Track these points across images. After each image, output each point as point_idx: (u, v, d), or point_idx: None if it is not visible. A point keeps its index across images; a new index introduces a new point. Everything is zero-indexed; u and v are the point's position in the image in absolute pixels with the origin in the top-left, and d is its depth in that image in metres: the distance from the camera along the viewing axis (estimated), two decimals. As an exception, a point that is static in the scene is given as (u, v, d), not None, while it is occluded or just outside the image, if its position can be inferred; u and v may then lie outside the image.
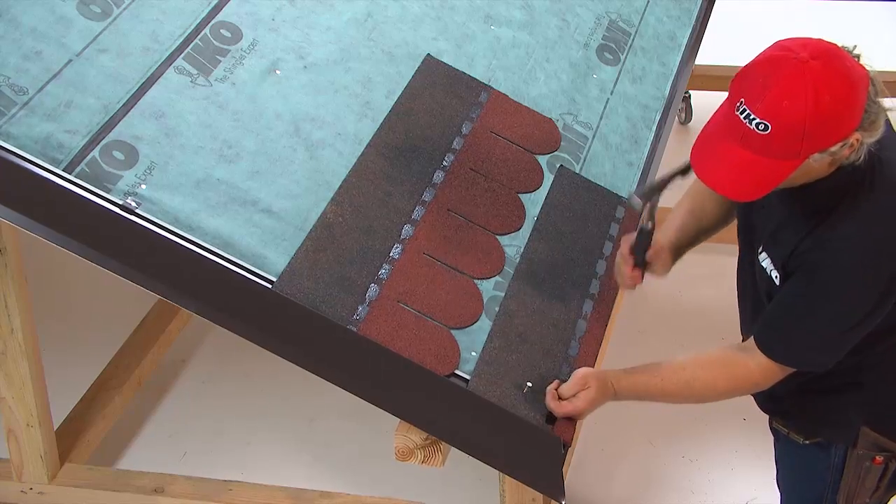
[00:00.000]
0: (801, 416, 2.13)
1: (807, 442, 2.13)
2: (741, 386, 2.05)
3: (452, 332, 2.18)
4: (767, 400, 2.18)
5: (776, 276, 1.99)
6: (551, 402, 2.10)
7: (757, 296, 2.07)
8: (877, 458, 2.05)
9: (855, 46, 1.88)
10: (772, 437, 2.18)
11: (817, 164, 1.83)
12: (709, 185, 1.88)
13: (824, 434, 2.10)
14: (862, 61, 1.86)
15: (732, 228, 2.44)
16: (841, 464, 2.07)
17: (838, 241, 1.88)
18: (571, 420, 2.14)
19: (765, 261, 2.01)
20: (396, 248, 2.26)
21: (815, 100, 1.76)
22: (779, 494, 2.30)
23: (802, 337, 1.95)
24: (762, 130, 1.80)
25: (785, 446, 2.21)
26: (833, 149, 1.81)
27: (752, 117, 1.80)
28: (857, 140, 1.82)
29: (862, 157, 1.85)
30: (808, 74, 1.77)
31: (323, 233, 2.22)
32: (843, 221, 1.88)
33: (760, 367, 2.00)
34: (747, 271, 2.11)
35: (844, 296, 1.90)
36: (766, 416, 3.35)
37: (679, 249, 2.28)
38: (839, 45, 1.85)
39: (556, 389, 2.12)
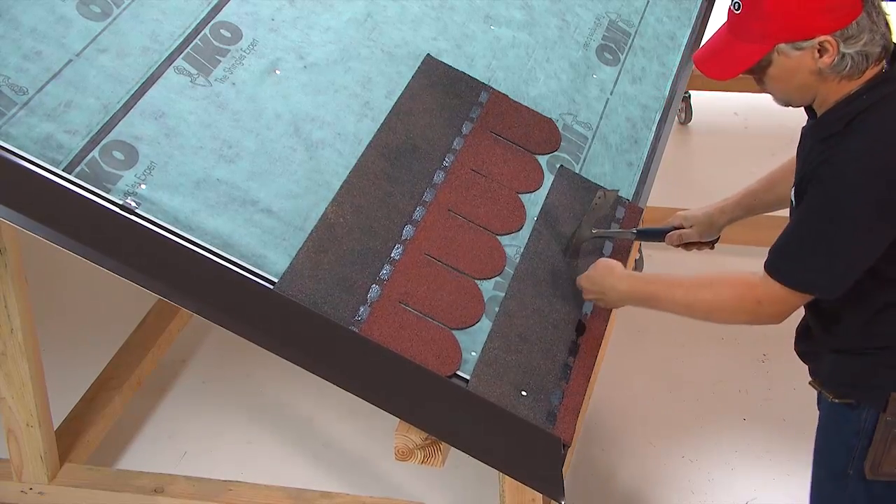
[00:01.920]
0: (836, 374, 2.12)
1: (836, 401, 2.12)
2: (744, 301, 2.05)
3: (454, 332, 2.18)
4: (807, 356, 2.19)
5: (794, 201, 2.04)
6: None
7: None
8: None
9: None
10: (772, 438, 2.19)
11: (794, 62, 1.95)
12: (694, 59, 2.07)
13: (855, 395, 2.09)
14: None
15: (733, 227, 2.46)
16: (871, 429, 2.07)
17: (839, 155, 1.94)
18: (571, 420, 2.14)
19: (793, 196, 2.06)
20: (397, 248, 2.26)
21: None
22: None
23: (803, 256, 1.98)
24: (736, 10, 1.98)
25: (822, 407, 2.20)
26: (803, 44, 1.93)
27: None
28: (833, 46, 1.92)
29: (858, 72, 1.94)
30: None
31: (324, 233, 2.22)
32: (848, 138, 1.94)
33: (766, 287, 2.01)
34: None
35: (840, 210, 1.93)
36: (766, 417, 3.36)
37: (716, 223, 2.41)
38: None
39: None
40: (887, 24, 1.96)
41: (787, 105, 2.06)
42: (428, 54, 2.64)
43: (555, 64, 2.78)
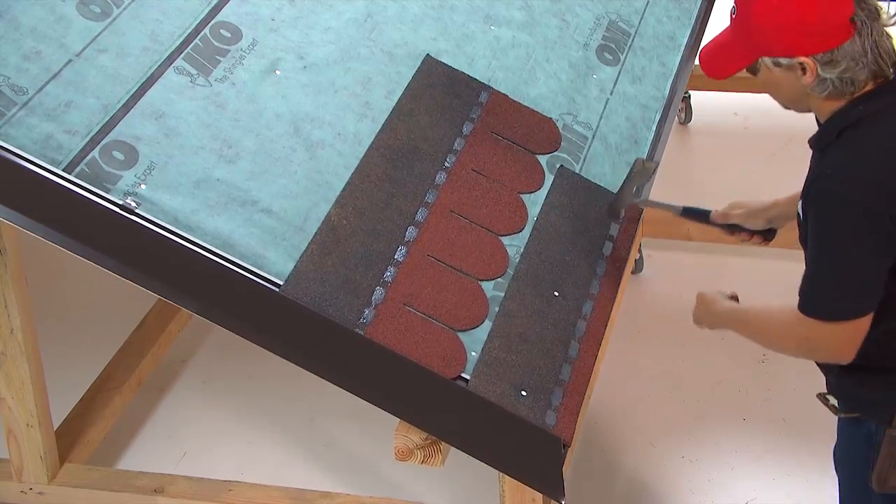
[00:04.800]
0: (841, 388, 2.13)
1: (843, 416, 2.14)
2: (794, 341, 2.07)
3: (458, 334, 2.18)
4: (822, 365, 2.19)
5: (801, 214, 2.07)
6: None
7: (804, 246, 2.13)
8: None
9: (893, 16, 2.02)
10: (772, 438, 2.19)
11: (777, 76, 2.01)
12: (700, 53, 2.14)
13: (861, 410, 2.11)
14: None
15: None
16: (880, 442, 2.07)
17: (826, 172, 1.97)
18: (571, 420, 2.14)
19: (800, 208, 2.08)
20: (401, 250, 2.26)
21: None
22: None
23: (822, 287, 2.00)
24: (733, 14, 2.04)
25: (838, 424, 2.21)
26: (782, 62, 1.98)
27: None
28: (811, 69, 1.96)
29: (842, 94, 1.97)
30: None
31: (327, 236, 2.22)
32: (836, 152, 1.99)
33: (807, 326, 2.02)
34: None
35: (835, 233, 1.96)
36: (766, 417, 3.36)
37: (766, 214, 2.41)
38: None
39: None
40: (885, 49, 1.96)
41: (787, 109, 2.10)
42: (427, 54, 2.63)
43: (555, 64, 2.78)
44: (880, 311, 2.00)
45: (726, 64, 2.08)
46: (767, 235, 2.43)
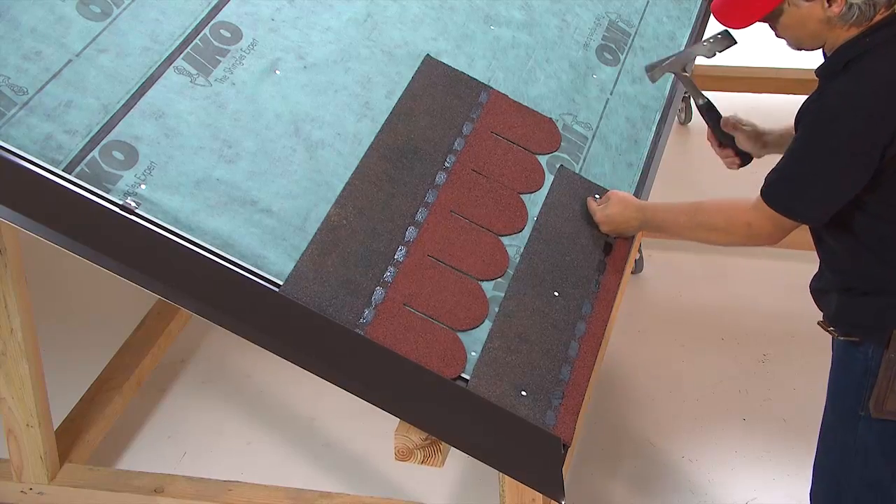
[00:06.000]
0: (841, 314, 2.20)
1: (841, 338, 2.19)
2: (734, 224, 2.22)
3: (458, 334, 2.18)
4: (818, 294, 2.26)
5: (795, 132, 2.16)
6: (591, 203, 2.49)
7: None
8: None
9: None
10: (772, 439, 2.20)
11: (804, 12, 2.06)
12: (712, 8, 2.17)
13: (858, 333, 2.16)
14: None
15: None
16: (877, 367, 2.13)
17: (828, 93, 2.07)
18: (571, 420, 2.14)
19: (794, 127, 2.17)
20: (401, 250, 2.26)
21: None
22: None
23: (787, 183, 2.12)
24: None
25: (833, 349, 2.26)
26: None
27: None
28: None
29: (866, 19, 2.04)
30: None
31: (327, 236, 2.22)
32: (841, 78, 2.07)
33: (756, 211, 2.16)
34: None
35: (819, 142, 2.06)
36: (766, 417, 3.36)
37: (764, 137, 2.48)
38: None
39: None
40: None
41: (799, 49, 2.17)
42: (427, 54, 2.63)
43: (555, 64, 2.78)
44: (870, 230, 2.09)
45: (750, 12, 2.10)
46: (745, 159, 2.55)
